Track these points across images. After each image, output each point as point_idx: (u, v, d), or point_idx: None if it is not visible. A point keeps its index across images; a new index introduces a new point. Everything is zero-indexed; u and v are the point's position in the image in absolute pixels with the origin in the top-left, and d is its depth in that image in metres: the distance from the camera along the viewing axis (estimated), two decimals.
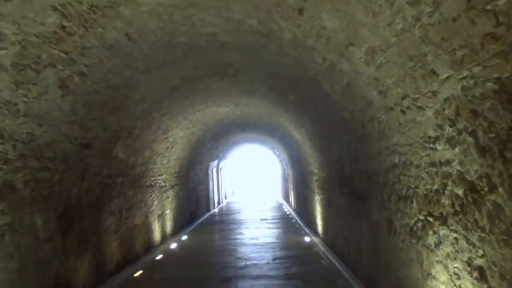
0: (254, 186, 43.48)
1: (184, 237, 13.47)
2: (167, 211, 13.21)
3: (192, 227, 15.99)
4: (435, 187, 3.86)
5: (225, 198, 30.35)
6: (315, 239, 11.68)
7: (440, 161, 3.70)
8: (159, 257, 10.42)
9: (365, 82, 4.91)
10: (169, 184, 13.58)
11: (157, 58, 6.52)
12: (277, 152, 24.21)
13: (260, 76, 8.12)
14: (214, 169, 24.60)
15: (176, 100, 9.50)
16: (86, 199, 7.26)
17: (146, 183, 10.94)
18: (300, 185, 16.72)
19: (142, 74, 6.82)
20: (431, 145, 3.81)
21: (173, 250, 11.45)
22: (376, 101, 4.96)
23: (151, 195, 11.35)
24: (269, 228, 14.78)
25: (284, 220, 17.00)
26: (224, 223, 17.11)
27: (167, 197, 13.26)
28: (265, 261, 9.25)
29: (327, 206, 10.18)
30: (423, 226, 4.23)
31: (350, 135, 6.83)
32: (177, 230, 14.39)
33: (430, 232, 4.05)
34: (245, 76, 8.40)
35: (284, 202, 25.74)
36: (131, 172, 9.60)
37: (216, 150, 21.67)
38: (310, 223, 13.79)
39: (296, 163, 16.74)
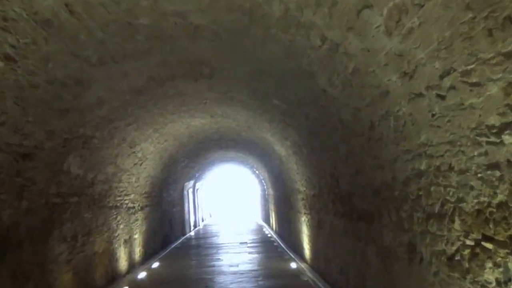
0: (232, 207, 41.95)
1: (155, 265, 12.01)
2: (136, 236, 11.77)
3: (165, 252, 14.52)
4: (499, 199, 2.68)
5: (202, 220, 28.82)
6: (302, 265, 10.40)
7: (509, 160, 2.52)
8: None
9: (380, 64, 3.74)
10: (139, 205, 12.17)
11: (114, 47, 5.26)
12: (257, 172, 22.97)
13: (241, 76, 6.92)
14: (190, 190, 23.19)
15: (143, 107, 8.21)
16: (26, 222, 5.86)
17: (110, 203, 9.54)
18: (282, 206, 15.46)
19: (96, 67, 5.54)
20: (492, 139, 2.64)
21: (140, 281, 10.00)
22: (395, 89, 3.80)
23: (115, 218, 9.94)
24: (249, 252, 13.43)
25: (266, 244, 15.68)
26: (201, 247, 15.69)
27: (136, 220, 11.84)
28: None
29: (317, 228, 8.95)
30: (474, 254, 3.03)
31: (350, 142, 5.65)
32: (148, 256, 12.92)
33: (489, 264, 2.84)
34: (223, 78, 7.20)
35: (264, 224, 24.39)
36: (90, 190, 8.22)
37: (192, 170, 20.32)
38: (295, 247, 12.51)
39: (278, 181, 15.51)
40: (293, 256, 12.03)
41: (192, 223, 23.32)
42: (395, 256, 4.56)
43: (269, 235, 18.56)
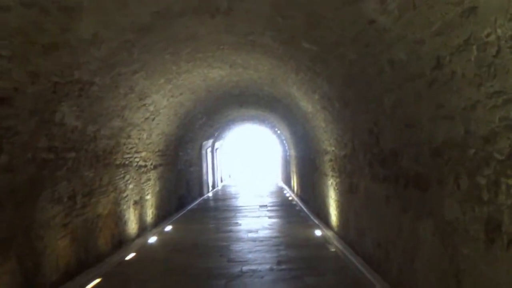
0: (252, 168, 41.23)
1: (168, 228, 11.21)
2: (148, 197, 10.92)
3: (180, 214, 13.73)
4: None
5: (221, 181, 28.12)
6: (328, 233, 9.42)
7: None
8: (130, 256, 8.14)
9: None
10: (151, 164, 11.27)
11: None
12: (278, 131, 21.91)
13: (263, 10, 5.75)
14: (209, 149, 22.33)
15: (152, 51, 7.12)
16: (7, 181, 4.93)
17: (117, 161, 8.63)
18: (306, 167, 14.43)
19: None
20: None
21: (150, 246, 9.18)
22: (487, 3, 2.63)
23: (123, 177, 9.05)
24: (269, 217, 12.52)
25: (287, 207, 14.76)
26: (218, 210, 14.86)
27: (148, 180, 10.96)
28: (267, 267, 6.99)
29: (348, 193, 7.89)
30: None
31: (401, 88, 4.49)
32: (161, 218, 12.13)
33: None
34: (243, 13, 6.03)
35: (285, 187, 23.50)
36: (91, 146, 7.27)
37: (211, 128, 19.35)
38: (320, 212, 11.54)
39: (302, 141, 14.42)
40: (317, 222, 11.07)
41: (210, 184, 22.58)
42: (464, 236, 3.49)
43: (290, 198, 17.65)
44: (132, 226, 9.49)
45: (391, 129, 5.17)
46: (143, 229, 10.33)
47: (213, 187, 23.50)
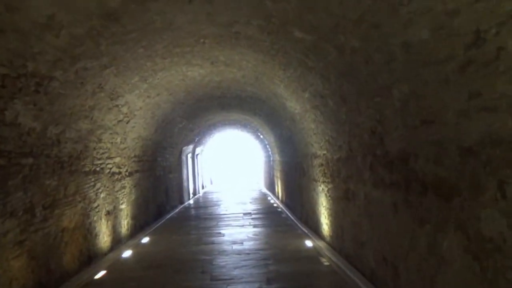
0: (234, 174, 40.38)
1: (145, 240, 10.32)
2: (122, 206, 10.02)
3: (159, 224, 12.83)
4: None
5: (202, 188, 27.21)
6: (320, 244, 8.67)
7: None
8: (100, 275, 7.24)
9: None
10: (126, 171, 10.38)
11: None
12: (261, 136, 21.16)
13: None
14: (189, 155, 21.45)
15: (123, 43, 6.29)
16: None
17: (86, 168, 7.74)
18: (291, 172, 13.68)
19: None
20: None
21: (124, 261, 8.28)
22: None
23: (94, 185, 8.16)
24: (255, 226, 11.71)
25: (272, 215, 13.97)
26: (200, 218, 13.99)
27: (123, 187, 10.07)
28: (256, 286, 6.17)
29: (343, 200, 7.15)
30: None
31: (418, 76, 3.75)
32: (138, 229, 11.23)
33: None
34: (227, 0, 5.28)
35: (269, 192, 22.73)
36: (54, 151, 6.39)
37: (191, 133, 18.50)
38: (308, 220, 10.78)
39: (287, 145, 13.68)
40: (306, 231, 10.32)
41: (191, 191, 21.69)
42: (511, 257, 2.75)
43: (275, 205, 16.88)
44: (104, 239, 8.59)
45: (400, 127, 4.43)
46: (118, 242, 9.43)
47: (194, 194, 22.60)
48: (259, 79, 9.48)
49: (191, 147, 21.11)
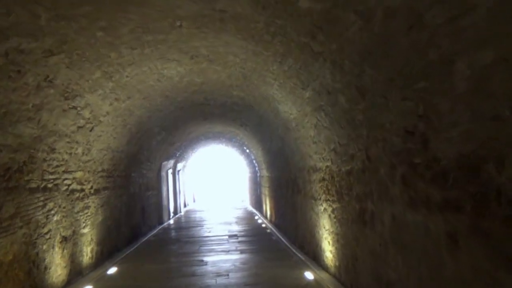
0: (219, 192, 38.70)
1: (113, 270, 8.66)
2: (85, 230, 8.40)
3: (132, 249, 11.18)
4: None
5: (185, 206, 25.52)
6: (323, 276, 7.16)
7: None
8: None
9: None
10: (91, 188, 8.79)
11: None
12: (248, 150, 19.68)
13: None
14: (170, 171, 19.83)
15: (73, 20, 4.80)
16: None
17: (31, 184, 6.16)
18: (283, 189, 12.18)
19: None
20: None
21: None
22: None
23: (43, 206, 6.57)
24: (242, 251, 10.15)
25: (261, 238, 12.41)
26: (180, 242, 12.36)
27: (86, 208, 8.46)
28: None
29: (357, 224, 5.67)
30: None
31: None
32: (105, 256, 9.59)
33: None
34: None
35: (256, 211, 21.16)
36: None
37: (171, 147, 16.94)
38: (304, 245, 9.28)
39: (278, 158, 12.21)
40: (302, 258, 8.80)
41: (171, 210, 20.03)
42: None
43: (263, 225, 15.32)
44: (57, 273, 6.96)
45: (466, 121, 2.99)
46: (77, 274, 7.79)
47: (175, 213, 20.92)
48: (248, 78, 8.04)
49: (172, 162, 19.52)
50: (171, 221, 18.53)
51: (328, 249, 7.22)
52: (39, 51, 4.95)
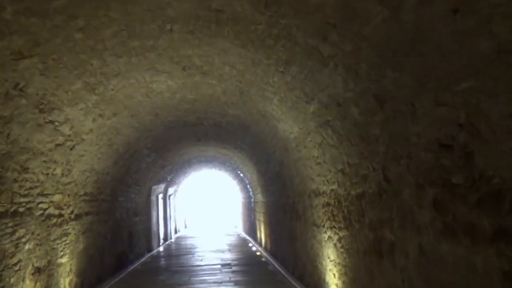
0: (211, 217, 37.72)
1: None
2: (63, 259, 7.59)
3: (116, 280, 10.32)
4: None
5: (175, 232, 24.60)
6: None
7: None
8: None
9: None
10: (71, 212, 8.01)
11: None
12: (242, 175, 18.95)
13: None
14: (160, 196, 19.02)
15: (46, 16, 4.15)
16: None
17: None
18: (280, 215, 11.43)
19: None
20: None
21: None
22: None
23: (12, 233, 5.79)
24: (236, 283, 9.32)
25: (256, 267, 11.58)
26: (169, 271, 11.50)
27: (65, 235, 7.66)
28: None
29: (370, 255, 4.93)
30: None
31: None
32: None
33: None
34: None
35: (249, 238, 20.29)
36: None
37: (162, 170, 16.18)
38: (304, 276, 8.49)
39: (275, 182, 11.49)
40: None
41: (162, 236, 19.15)
42: None
43: (258, 253, 14.48)
44: None
45: None
46: None
47: (165, 239, 20.01)
48: (245, 93, 7.39)
49: (162, 186, 18.72)
50: (161, 248, 17.64)
51: (334, 283, 6.45)
52: (6, 52, 4.27)
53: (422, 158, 3.55)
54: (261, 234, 16.00)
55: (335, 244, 6.35)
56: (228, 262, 12.59)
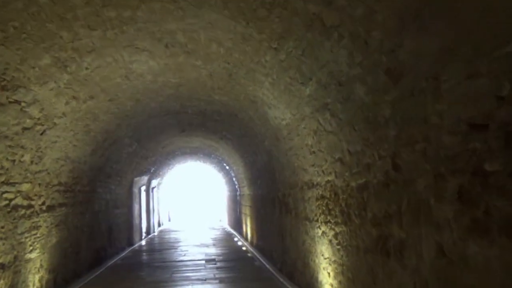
0: (195, 210, 37.09)
1: None
2: (33, 254, 6.95)
3: (93, 276, 9.69)
4: None
5: (159, 225, 23.95)
6: None
7: None
8: None
9: None
10: (43, 203, 7.36)
11: None
12: (227, 167, 18.36)
13: None
14: (143, 188, 18.35)
15: None
16: None
17: None
18: (268, 209, 10.88)
19: None
20: None
21: None
22: None
23: None
24: (221, 280, 8.76)
25: (242, 263, 11.02)
26: (150, 267, 10.89)
27: (34, 228, 7.02)
28: None
29: (373, 254, 4.39)
30: None
31: None
32: (60, 285, 8.10)
33: None
34: None
35: (235, 232, 19.74)
36: None
37: (145, 161, 15.51)
38: (294, 274, 7.97)
39: (263, 174, 10.93)
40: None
41: (144, 229, 18.49)
42: None
43: (243, 248, 13.93)
44: None
45: None
46: None
47: (148, 233, 19.36)
48: (233, 76, 6.80)
49: (145, 178, 18.05)
50: (143, 242, 17.00)
51: (328, 283, 5.93)
52: None
53: (444, 142, 3.00)
54: (247, 228, 15.46)
55: (330, 241, 5.81)
56: (213, 257, 12.02)
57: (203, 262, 11.20)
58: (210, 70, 6.87)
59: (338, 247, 5.48)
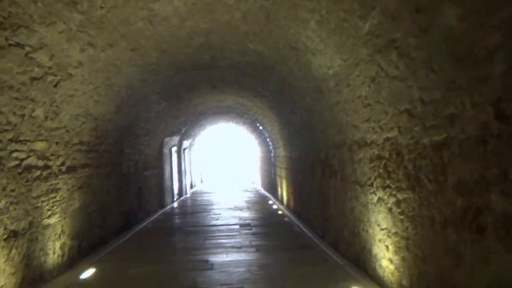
0: (228, 172, 36.64)
1: (87, 274, 6.58)
2: (52, 220, 6.31)
3: (122, 241, 9.11)
4: None
5: (191, 187, 23.51)
6: None
7: None
8: None
9: None
10: (62, 164, 6.68)
11: None
12: (261, 127, 17.47)
13: None
14: (174, 149, 17.72)
15: None
16: None
17: None
18: (307, 171, 9.99)
19: None
20: None
21: None
22: None
23: None
24: (258, 248, 8.02)
25: (280, 228, 10.25)
26: (182, 232, 10.27)
27: (52, 191, 6.35)
28: None
29: (462, 231, 3.46)
30: None
31: None
32: (84, 252, 7.54)
33: None
34: None
35: (269, 195, 19.03)
36: None
37: (175, 121, 14.78)
38: (340, 243, 7.13)
39: (302, 134, 9.99)
40: (339, 260, 6.69)
41: (176, 191, 17.98)
42: None
43: (279, 212, 13.17)
44: None
45: None
46: (36, 280, 5.71)
47: (180, 195, 18.87)
48: (271, 17, 5.79)
49: (176, 139, 17.39)
50: (175, 204, 16.49)
51: (386, 257, 5.05)
52: None
53: None
54: (283, 191, 14.67)
55: (389, 209, 4.89)
56: (248, 221, 11.31)
57: (237, 227, 10.49)
58: (244, 10, 5.87)
59: (401, 217, 4.55)
